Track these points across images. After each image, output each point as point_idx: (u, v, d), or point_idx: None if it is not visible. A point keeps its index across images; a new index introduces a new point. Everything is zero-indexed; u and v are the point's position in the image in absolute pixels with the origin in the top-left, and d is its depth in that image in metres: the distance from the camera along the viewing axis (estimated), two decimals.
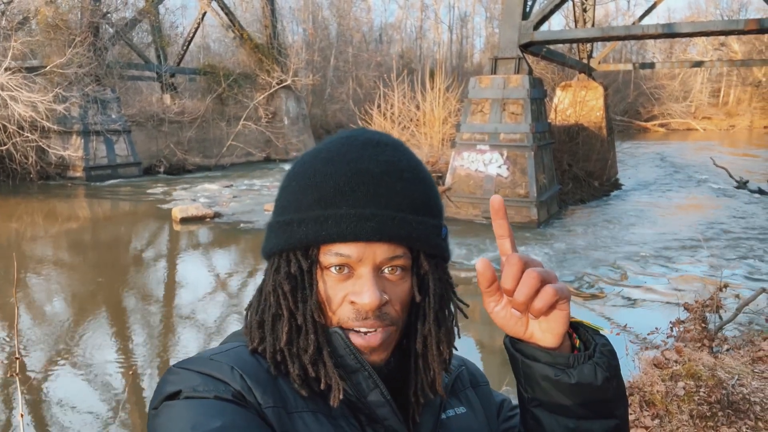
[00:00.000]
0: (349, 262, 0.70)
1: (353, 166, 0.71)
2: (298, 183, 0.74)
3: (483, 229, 12.01)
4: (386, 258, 0.71)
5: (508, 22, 12.75)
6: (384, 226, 0.70)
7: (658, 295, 8.03)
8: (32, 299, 8.20)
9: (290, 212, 0.73)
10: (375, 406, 0.72)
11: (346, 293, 0.71)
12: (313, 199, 0.71)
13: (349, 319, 0.71)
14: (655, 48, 48.76)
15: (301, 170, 0.75)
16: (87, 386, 5.48)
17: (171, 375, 0.69)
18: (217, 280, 9.46)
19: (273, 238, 0.75)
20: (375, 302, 0.69)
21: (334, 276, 0.71)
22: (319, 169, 0.73)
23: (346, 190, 0.70)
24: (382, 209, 0.70)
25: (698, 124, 45.18)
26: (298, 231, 0.71)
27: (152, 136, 22.82)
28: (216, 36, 38.10)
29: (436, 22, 51.82)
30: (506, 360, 0.73)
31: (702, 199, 16.22)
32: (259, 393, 0.67)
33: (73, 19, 20.03)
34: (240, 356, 0.72)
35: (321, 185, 0.71)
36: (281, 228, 0.74)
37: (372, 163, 0.72)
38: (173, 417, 0.64)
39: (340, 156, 0.73)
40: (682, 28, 13.76)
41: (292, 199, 0.74)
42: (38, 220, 13.94)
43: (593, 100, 18.50)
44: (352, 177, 0.71)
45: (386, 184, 0.71)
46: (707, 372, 2.41)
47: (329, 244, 0.71)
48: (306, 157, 0.77)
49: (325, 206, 0.71)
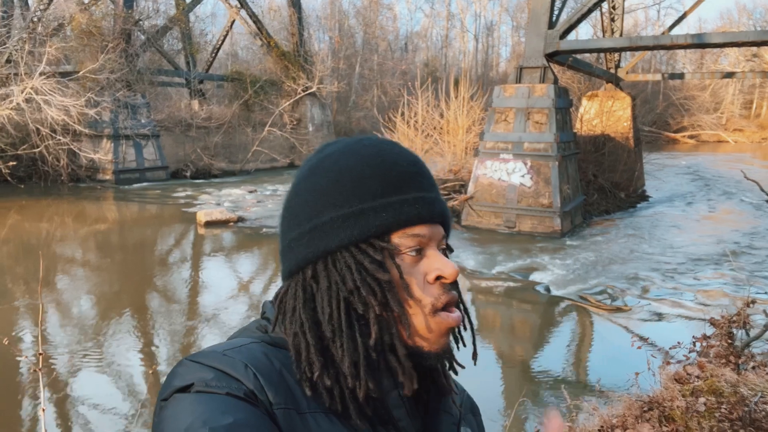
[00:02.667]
0: (423, 243, 0.74)
1: (403, 158, 0.77)
2: (353, 176, 0.74)
3: (504, 238, 11.93)
4: (442, 237, 0.77)
5: (534, 31, 12.69)
6: (442, 207, 0.77)
7: (683, 310, 7.86)
8: (60, 298, 8.39)
9: (356, 203, 0.73)
10: (392, 406, 0.73)
11: (424, 273, 0.73)
12: (380, 188, 0.73)
13: (440, 296, 0.73)
14: (685, 58, 47.96)
15: (347, 166, 0.75)
16: (110, 385, 5.59)
17: (182, 368, 0.68)
18: (239, 283, 9.57)
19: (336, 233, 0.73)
20: (456, 271, 0.74)
21: (410, 258, 0.73)
22: (373, 161, 0.75)
23: (407, 177, 0.75)
24: (435, 192, 0.77)
25: (729, 136, 44.20)
26: (376, 218, 0.72)
27: (180, 140, 23.24)
28: (244, 43, 38.72)
29: (462, 30, 51.87)
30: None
31: (731, 212, 15.85)
32: (272, 393, 0.66)
33: (107, 26, 20.57)
34: (253, 354, 0.70)
35: (385, 174, 0.74)
36: (348, 220, 0.72)
37: (413, 156, 0.78)
38: (184, 409, 0.63)
39: (384, 152, 0.76)
40: (713, 38, 13.53)
41: (351, 192, 0.73)
42: (68, 221, 14.29)
43: (620, 110, 18.26)
44: (410, 166, 0.76)
45: (428, 174, 0.79)
46: (729, 388, 2.35)
47: (407, 227, 0.73)
48: (341, 157, 0.76)
49: (393, 193, 0.73)
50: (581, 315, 7.97)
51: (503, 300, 8.69)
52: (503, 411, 5.04)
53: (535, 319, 8.16)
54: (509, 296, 8.75)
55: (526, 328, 7.90)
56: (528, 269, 9.73)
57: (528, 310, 8.47)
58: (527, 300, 8.62)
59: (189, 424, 0.61)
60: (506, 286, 9.03)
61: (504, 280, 9.26)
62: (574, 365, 6.43)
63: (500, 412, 5.02)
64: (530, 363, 6.39)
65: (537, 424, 4.33)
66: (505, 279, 9.29)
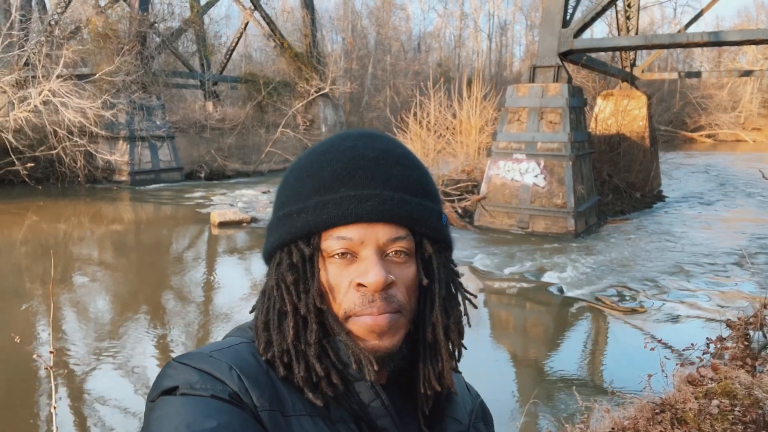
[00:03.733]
0: (351, 246, 0.70)
1: (349, 153, 0.72)
2: (295, 177, 0.75)
3: (517, 238, 11.85)
4: (389, 239, 0.70)
5: (547, 30, 12.61)
6: (384, 205, 0.70)
7: (699, 311, 7.75)
8: (77, 297, 8.50)
9: (289, 205, 0.73)
10: (376, 415, 0.72)
11: (351, 279, 0.70)
12: (312, 188, 0.72)
13: (355, 306, 0.69)
14: (702, 57, 47.36)
15: (297, 165, 0.77)
16: (124, 384, 5.65)
17: (170, 369, 0.68)
18: (252, 282, 9.62)
19: (273, 234, 0.75)
20: (380, 280, 0.68)
21: (337, 262, 0.70)
22: (315, 160, 0.74)
23: (344, 174, 0.71)
24: (381, 190, 0.70)
25: (747, 135, 43.52)
26: (299, 220, 0.71)
27: (194, 142, 23.44)
28: (257, 45, 38.96)
29: (475, 30, 51.68)
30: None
31: (749, 213, 15.61)
32: (256, 395, 0.66)
33: (122, 28, 20.82)
34: (240, 355, 0.71)
35: (318, 174, 0.72)
36: (281, 222, 0.74)
37: (368, 150, 0.73)
38: (169, 413, 0.63)
39: (336, 146, 0.74)
40: (730, 36, 13.33)
41: (290, 192, 0.74)
42: (85, 222, 14.47)
43: (636, 109, 18.07)
44: (348, 162, 0.71)
45: (383, 168, 0.72)
46: (744, 391, 2.31)
47: (331, 229, 0.70)
48: (303, 154, 0.78)
49: (324, 192, 0.71)
50: (595, 316, 7.90)
51: (516, 301, 8.64)
52: (515, 411, 5.01)
53: (548, 320, 8.10)
54: (522, 297, 8.69)
55: (539, 328, 7.84)
56: (541, 270, 9.66)
57: (541, 311, 8.41)
58: (540, 301, 8.56)
59: (174, 427, 0.61)
60: (519, 286, 8.97)
61: (517, 280, 9.20)
62: (587, 366, 6.37)
63: (512, 413, 4.99)
64: (543, 364, 6.34)
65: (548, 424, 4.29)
66: (518, 280, 9.23)
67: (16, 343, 4.19)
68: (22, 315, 7.64)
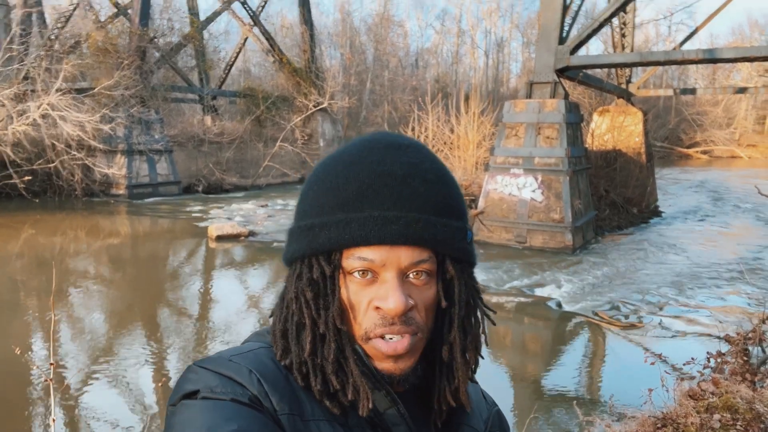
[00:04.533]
0: (373, 267, 0.69)
1: (376, 169, 0.70)
2: (319, 187, 0.73)
3: (515, 253, 11.86)
4: (411, 262, 0.69)
5: (544, 47, 12.74)
6: (408, 228, 0.68)
7: (697, 326, 7.75)
8: (72, 311, 8.45)
9: (312, 216, 0.72)
10: (392, 423, 0.72)
11: (371, 299, 0.69)
12: (336, 202, 0.70)
13: (375, 326, 0.69)
14: (697, 74, 47.82)
15: (322, 174, 0.74)
16: (120, 397, 5.60)
17: (190, 373, 0.69)
18: (250, 297, 9.58)
19: (294, 244, 0.74)
20: (401, 307, 0.67)
21: (357, 281, 0.70)
22: (341, 172, 0.72)
23: (369, 192, 0.69)
24: (406, 212, 0.69)
25: (743, 151, 43.83)
26: (321, 235, 0.70)
27: (192, 156, 23.48)
28: (256, 60, 39.17)
29: (472, 47, 52.15)
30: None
31: (746, 228, 15.67)
32: (276, 399, 0.67)
33: (122, 43, 20.95)
34: (260, 359, 0.71)
35: (343, 188, 0.70)
36: (303, 233, 0.73)
37: (395, 165, 0.70)
38: (190, 417, 0.64)
39: (362, 158, 0.72)
40: (724, 53, 13.49)
41: (314, 203, 0.73)
42: (81, 236, 14.43)
43: (632, 125, 18.20)
44: (375, 179, 0.69)
45: (410, 186, 0.70)
46: (745, 405, 2.31)
47: (353, 248, 0.69)
48: (327, 161, 0.76)
49: (348, 209, 0.69)
50: (594, 331, 7.88)
51: (514, 316, 8.62)
52: (514, 427, 4.98)
53: (546, 335, 8.08)
54: (520, 312, 8.68)
55: (538, 344, 7.82)
56: (539, 285, 9.65)
57: (539, 326, 8.39)
58: (539, 316, 8.54)
59: (194, 431, 0.62)
60: (517, 301, 8.96)
61: (515, 295, 9.19)
62: (587, 382, 6.35)
63: (512, 429, 4.95)
64: (542, 379, 6.32)
65: None
66: (516, 294, 9.22)
67: (13, 355, 4.16)
68: (18, 328, 7.58)
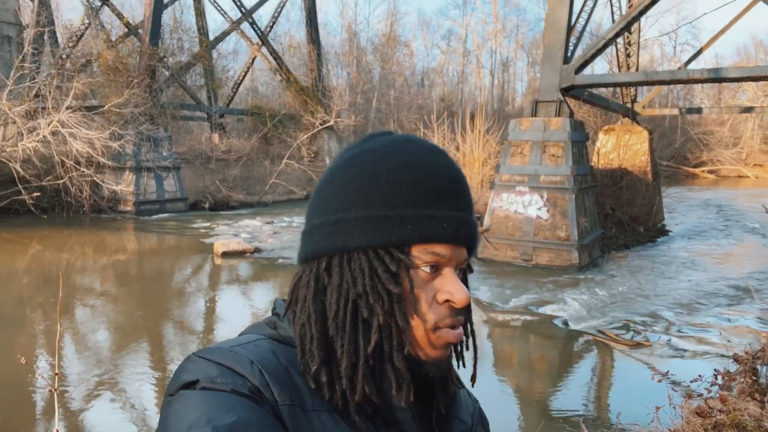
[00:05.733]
0: (441, 262, 0.73)
1: (443, 172, 0.75)
2: (390, 179, 0.72)
3: (521, 271, 11.81)
4: (463, 260, 0.76)
5: (549, 66, 12.83)
6: (470, 231, 0.76)
7: (705, 346, 7.66)
8: (78, 326, 8.46)
9: (384, 209, 0.71)
10: (397, 409, 0.73)
11: (434, 292, 0.73)
12: (411, 198, 0.72)
13: (445, 317, 0.73)
14: (702, 94, 47.89)
15: (387, 168, 0.73)
16: (122, 411, 5.58)
17: (189, 363, 0.69)
18: (254, 313, 9.56)
19: (358, 233, 0.72)
20: (468, 299, 0.73)
21: (425, 274, 0.73)
22: (414, 170, 0.73)
23: (443, 192, 0.73)
24: (467, 214, 0.76)
25: (750, 171, 43.67)
26: (400, 228, 0.71)
27: (199, 173, 23.64)
28: (264, 79, 39.61)
29: (478, 66, 52.52)
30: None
31: (753, 248, 15.56)
32: (277, 390, 0.66)
33: (132, 62, 21.26)
34: (260, 350, 0.71)
35: (420, 185, 0.72)
36: (373, 224, 0.71)
37: (454, 171, 0.77)
38: (188, 406, 0.63)
39: (429, 161, 0.74)
40: (730, 72, 13.54)
41: (383, 195, 0.72)
42: (88, 252, 14.49)
43: (637, 144, 18.22)
44: (448, 182, 0.74)
45: (466, 192, 0.77)
46: (753, 422, 2.28)
47: (428, 244, 0.72)
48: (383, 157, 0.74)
49: (429, 206, 0.72)
50: (600, 350, 7.81)
51: (520, 334, 8.56)
52: None
53: (552, 353, 8.01)
54: (526, 330, 8.62)
55: (544, 362, 7.75)
56: (545, 303, 9.60)
57: (545, 344, 8.32)
58: (545, 334, 8.48)
59: (193, 422, 0.61)
60: (523, 319, 8.90)
61: (521, 313, 9.13)
62: (593, 400, 6.28)
63: None
64: (548, 398, 6.25)
65: None
66: (522, 312, 9.16)
67: (18, 367, 4.17)
68: (24, 341, 7.59)
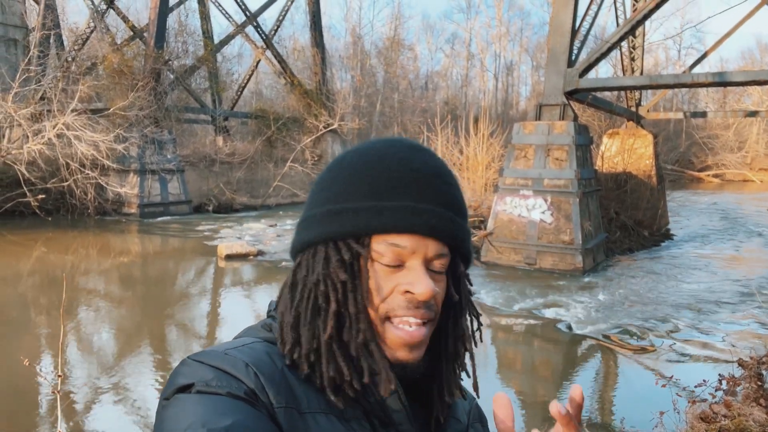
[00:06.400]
0: (402, 254, 0.72)
1: (406, 164, 0.74)
2: (350, 174, 0.75)
3: (525, 275, 11.79)
4: (436, 254, 0.73)
5: (553, 70, 12.82)
6: (438, 221, 0.73)
7: (710, 351, 7.62)
8: (81, 329, 8.47)
9: (341, 201, 0.74)
10: (392, 410, 0.73)
11: (396, 284, 0.72)
12: (369, 190, 0.73)
13: (400, 308, 0.71)
14: (707, 98, 47.79)
15: (350, 165, 0.76)
16: (125, 413, 5.58)
17: (184, 367, 0.69)
18: (258, 316, 9.56)
19: (318, 227, 0.75)
20: (430, 292, 0.70)
21: (384, 266, 0.72)
22: (374, 164, 0.74)
23: (401, 184, 0.73)
24: (434, 206, 0.73)
25: (755, 175, 43.49)
26: (354, 218, 0.72)
27: (204, 175, 23.70)
28: (268, 82, 39.71)
29: (481, 70, 52.56)
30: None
31: (758, 252, 15.48)
32: (273, 392, 0.66)
33: (137, 65, 21.33)
34: (255, 353, 0.71)
35: (378, 177, 0.73)
36: (330, 217, 0.74)
37: (421, 164, 0.75)
38: (184, 410, 0.63)
39: (391, 154, 0.75)
40: (734, 77, 13.51)
41: (343, 189, 0.74)
42: (92, 254, 14.53)
43: (642, 147, 18.17)
44: (406, 173, 0.73)
45: (436, 185, 0.74)
46: (758, 428, 2.26)
47: (384, 234, 0.72)
48: (353, 154, 0.78)
49: (382, 198, 0.72)
50: (605, 354, 7.78)
51: (524, 338, 8.53)
52: None
53: (556, 357, 7.98)
54: (530, 334, 8.59)
55: (548, 366, 7.72)
56: (549, 306, 9.56)
57: (549, 348, 8.29)
58: (549, 338, 8.45)
59: (188, 426, 0.61)
60: (527, 323, 8.88)
61: (525, 317, 9.11)
62: (598, 405, 6.25)
63: None
64: (551, 402, 6.21)
65: None
66: (525, 316, 9.14)
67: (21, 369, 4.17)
68: (28, 343, 7.61)
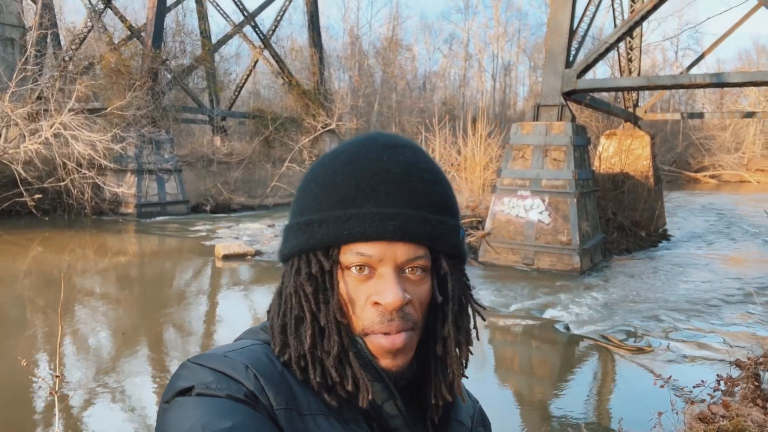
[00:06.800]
0: (370, 262, 0.70)
1: (374, 166, 0.71)
2: (317, 184, 0.74)
3: (522, 275, 11.79)
4: (408, 258, 0.71)
5: (551, 70, 12.83)
6: (406, 225, 0.70)
7: (708, 351, 7.64)
8: (78, 330, 8.45)
9: (310, 213, 0.73)
10: (388, 416, 0.72)
11: (369, 294, 0.70)
12: (335, 199, 0.71)
13: (373, 323, 0.70)
14: (704, 98, 47.87)
15: (320, 171, 0.75)
16: (122, 414, 5.56)
17: (184, 370, 0.68)
18: (255, 316, 9.55)
19: (292, 240, 0.75)
20: (398, 301, 0.68)
21: (355, 276, 0.71)
22: (339, 170, 0.73)
23: (367, 189, 0.70)
24: (403, 208, 0.70)
25: (751, 176, 43.60)
26: (319, 231, 0.71)
27: (201, 175, 23.66)
28: (266, 82, 39.65)
29: (479, 71, 52.56)
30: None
31: (755, 253, 15.52)
32: (272, 394, 0.66)
33: (135, 65, 21.29)
34: (255, 355, 0.71)
35: (342, 185, 0.71)
36: (301, 229, 0.73)
37: (392, 163, 0.72)
38: (184, 413, 0.63)
39: (360, 156, 0.73)
40: (731, 78, 13.55)
41: (312, 200, 0.73)
42: (89, 254, 14.49)
43: (639, 148, 18.21)
44: (373, 177, 0.71)
45: (407, 185, 0.71)
46: (756, 429, 2.26)
47: (351, 244, 0.70)
48: (325, 159, 0.77)
49: (346, 206, 0.70)
50: (602, 355, 7.79)
51: (521, 338, 8.53)
52: None
53: (554, 358, 7.98)
54: (527, 335, 8.59)
55: (545, 367, 7.73)
56: (547, 307, 9.57)
57: (547, 348, 8.30)
58: (546, 339, 8.46)
59: (189, 428, 0.61)
60: (524, 324, 8.88)
61: (522, 318, 9.11)
62: (595, 406, 6.25)
63: None
64: (549, 403, 6.23)
65: None
66: (523, 317, 9.14)
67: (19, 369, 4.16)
68: (25, 343, 7.58)
